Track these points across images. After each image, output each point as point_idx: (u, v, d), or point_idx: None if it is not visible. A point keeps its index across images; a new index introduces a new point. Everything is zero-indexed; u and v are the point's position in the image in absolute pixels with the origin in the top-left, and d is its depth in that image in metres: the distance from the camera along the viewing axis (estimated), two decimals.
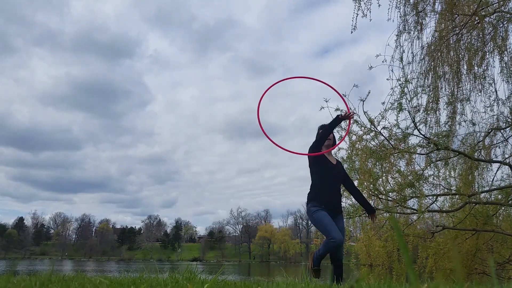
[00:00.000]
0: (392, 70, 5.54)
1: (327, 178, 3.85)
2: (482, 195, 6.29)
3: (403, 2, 5.84)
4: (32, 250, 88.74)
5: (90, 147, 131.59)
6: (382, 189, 5.67)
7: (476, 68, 5.96)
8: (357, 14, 5.44)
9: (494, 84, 5.87)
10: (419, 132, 5.68)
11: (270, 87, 4.44)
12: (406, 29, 5.84)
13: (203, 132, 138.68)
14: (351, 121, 5.06)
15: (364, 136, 5.63)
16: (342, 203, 4.04)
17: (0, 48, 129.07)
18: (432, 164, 5.84)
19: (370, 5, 5.36)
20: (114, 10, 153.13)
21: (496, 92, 5.90)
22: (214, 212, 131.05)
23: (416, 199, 5.66)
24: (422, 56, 5.99)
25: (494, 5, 5.69)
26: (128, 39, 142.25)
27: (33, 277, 2.52)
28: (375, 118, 5.54)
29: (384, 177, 5.66)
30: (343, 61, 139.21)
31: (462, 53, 5.98)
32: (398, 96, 5.48)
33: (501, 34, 5.78)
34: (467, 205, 6.18)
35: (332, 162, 3.98)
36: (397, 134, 5.63)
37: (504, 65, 5.68)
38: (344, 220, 6.20)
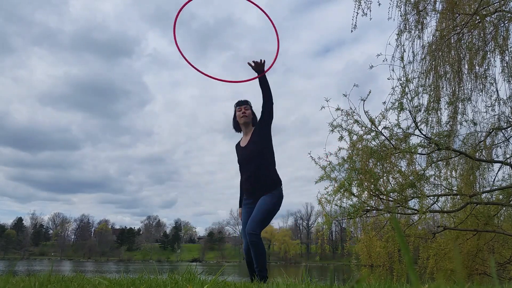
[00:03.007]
0: (393, 70, 5.52)
1: (240, 166, 3.60)
2: (484, 195, 6.26)
3: (403, 1, 5.83)
4: (31, 251, 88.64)
5: (89, 147, 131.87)
6: (383, 190, 5.64)
7: (477, 67, 5.95)
8: (357, 13, 5.43)
9: (495, 83, 5.87)
10: (420, 132, 5.66)
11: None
12: (407, 28, 5.83)
13: (203, 132, 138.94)
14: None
15: (365, 136, 5.60)
16: (267, 184, 3.38)
17: None
18: (433, 164, 5.82)
19: (370, 4, 5.35)
20: (113, 9, 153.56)
21: (497, 92, 5.89)
22: (213, 212, 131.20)
23: (417, 200, 5.63)
24: (423, 56, 5.98)
25: (495, 4, 5.67)
26: (127, 38, 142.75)
27: (32, 277, 2.49)
28: (376, 117, 5.51)
29: (385, 177, 5.63)
30: (344, 60, 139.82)
31: (463, 53, 5.96)
32: (399, 96, 5.45)
33: (502, 33, 5.76)
34: (468, 206, 6.16)
35: (242, 145, 3.60)
36: (398, 134, 5.61)
37: (505, 64, 5.67)
38: (345, 220, 6.18)
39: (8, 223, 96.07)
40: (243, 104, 3.68)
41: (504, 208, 6.69)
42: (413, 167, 5.59)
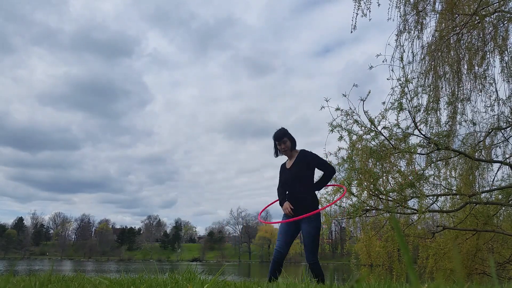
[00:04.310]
0: (392, 70, 5.52)
1: (283, 187, 3.88)
2: (483, 195, 6.28)
3: (403, 1, 5.84)
4: (31, 250, 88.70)
5: (89, 147, 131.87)
6: (383, 189, 5.65)
7: (476, 68, 5.95)
8: (357, 13, 5.43)
9: (495, 84, 5.87)
10: (420, 132, 5.67)
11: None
12: (407, 28, 5.83)
13: (203, 132, 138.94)
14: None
15: (364, 136, 5.61)
16: (310, 203, 3.67)
17: None
18: (432, 164, 5.83)
19: (370, 4, 5.34)
20: (113, 9, 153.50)
21: (497, 92, 5.90)
22: (214, 212, 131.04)
23: (417, 199, 5.65)
24: (422, 56, 5.98)
25: (495, 4, 5.68)
26: (127, 38, 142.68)
27: (33, 277, 2.50)
28: (376, 118, 5.52)
29: (384, 177, 5.64)
30: (344, 61, 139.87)
31: (463, 53, 5.97)
32: (399, 96, 5.46)
33: (502, 34, 5.77)
34: (468, 205, 6.17)
35: (287, 167, 3.91)
36: (398, 134, 5.62)
37: (505, 65, 5.67)
38: (344, 220, 6.21)
39: (8, 223, 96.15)
40: (281, 140, 3.90)
41: (503, 208, 6.70)
42: (413, 167, 5.60)
